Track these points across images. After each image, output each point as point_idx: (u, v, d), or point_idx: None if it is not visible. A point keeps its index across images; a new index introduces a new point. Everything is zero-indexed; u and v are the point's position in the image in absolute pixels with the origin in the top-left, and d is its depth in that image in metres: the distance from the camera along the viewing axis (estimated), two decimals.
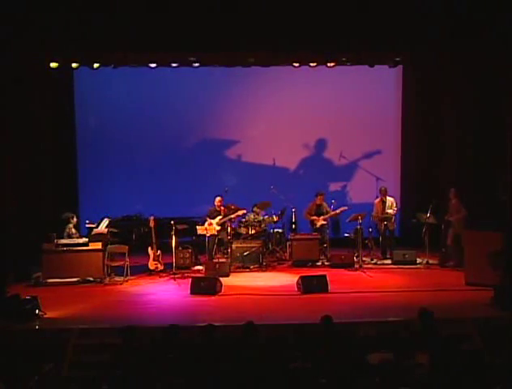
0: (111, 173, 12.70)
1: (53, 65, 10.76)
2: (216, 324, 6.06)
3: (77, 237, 9.87)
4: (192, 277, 9.26)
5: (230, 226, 10.98)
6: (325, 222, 11.12)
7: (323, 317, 5.87)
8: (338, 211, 11.11)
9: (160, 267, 10.31)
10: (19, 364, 5.68)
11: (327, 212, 11.17)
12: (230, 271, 10.21)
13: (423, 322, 5.61)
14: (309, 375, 4.86)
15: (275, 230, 11.47)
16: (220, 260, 10.61)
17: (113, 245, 9.94)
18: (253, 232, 11.02)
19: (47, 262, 9.49)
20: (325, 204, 11.26)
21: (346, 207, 11.20)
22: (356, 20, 9.74)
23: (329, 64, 11.39)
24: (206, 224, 10.75)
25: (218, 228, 10.74)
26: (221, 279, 9.15)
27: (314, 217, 11.19)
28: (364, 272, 10.14)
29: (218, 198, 10.97)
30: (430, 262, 10.59)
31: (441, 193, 11.19)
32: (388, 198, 11.21)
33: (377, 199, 11.30)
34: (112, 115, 12.70)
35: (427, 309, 5.85)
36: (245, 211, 10.80)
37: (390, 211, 11.09)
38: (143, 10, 9.57)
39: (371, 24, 9.79)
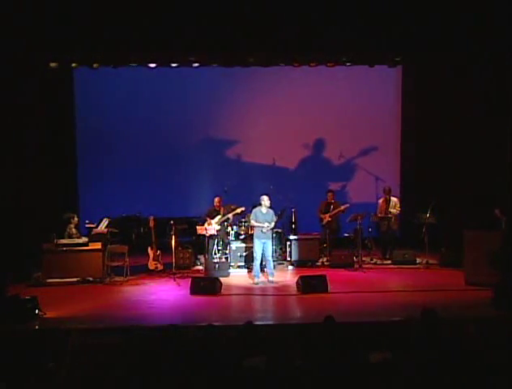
0: (111, 173, 12.71)
1: (53, 65, 10.77)
2: (216, 324, 6.06)
3: (77, 237, 9.87)
4: (192, 277, 9.25)
5: (230, 226, 10.99)
6: (330, 219, 11.13)
7: (326, 317, 5.86)
8: (341, 208, 11.12)
9: (160, 267, 10.32)
10: (19, 364, 5.67)
11: (335, 209, 11.19)
12: (230, 271, 10.22)
13: (425, 322, 5.60)
14: (310, 375, 4.85)
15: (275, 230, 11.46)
16: (220, 260, 10.61)
17: (113, 245, 9.94)
18: (252, 232, 11.00)
19: (47, 262, 9.50)
20: (337, 202, 11.26)
21: (348, 204, 11.22)
22: (356, 20, 9.75)
23: (329, 64, 11.40)
24: (206, 224, 10.75)
25: (217, 227, 10.74)
26: (221, 279, 9.15)
27: (322, 215, 11.23)
28: (364, 272, 10.15)
29: (217, 198, 10.98)
30: (430, 262, 10.60)
31: (441, 193, 11.21)
32: (392, 198, 11.22)
33: (382, 199, 11.31)
34: (112, 115, 12.71)
35: (430, 308, 5.84)
36: (243, 209, 10.78)
37: (393, 210, 11.10)
38: (143, 10, 9.58)
39: (371, 24, 9.80)
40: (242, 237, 11.03)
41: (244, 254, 10.69)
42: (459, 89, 11.09)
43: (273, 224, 9.71)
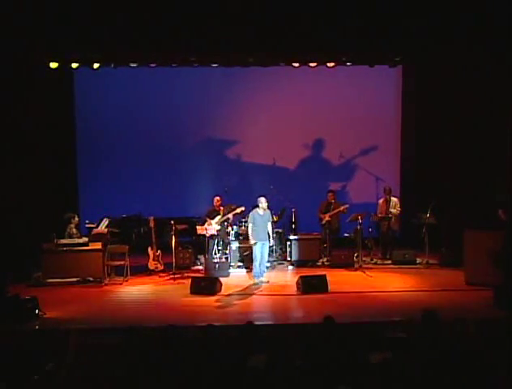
0: (111, 173, 12.71)
1: (53, 65, 10.76)
2: (216, 324, 6.06)
3: (78, 237, 9.87)
4: (192, 277, 9.26)
5: (230, 226, 10.99)
6: (329, 218, 11.12)
7: (325, 317, 5.86)
8: (341, 208, 11.11)
9: (160, 267, 10.33)
10: (20, 364, 5.67)
11: (333, 210, 11.19)
12: (230, 271, 10.22)
13: (425, 322, 5.60)
14: (309, 375, 4.85)
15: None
16: (220, 260, 10.61)
17: (113, 245, 9.94)
18: None
19: (47, 262, 9.49)
20: (337, 203, 11.25)
21: (347, 205, 11.21)
22: (356, 20, 9.75)
23: (329, 64, 11.39)
24: (206, 224, 10.75)
25: (218, 227, 10.73)
26: (221, 279, 9.15)
27: (322, 215, 11.22)
28: (364, 272, 10.15)
29: (216, 198, 10.97)
30: (430, 262, 10.60)
31: (441, 193, 11.21)
32: (392, 198, 11.21)
33: (382, 199, 11.30)
34: (112, 115, 12.71)
35: (430, 308, 5.84)
36: (243, 209, 10.77)
37: (393, 210, 11.09)
38: (143, 10, 9.58)
39: (371, 24, 9.80)
40: (242, 237, 11.02)
41: (244, 254, 10.69)
42: (459, 89, 11.09)
43: (270, 224, 9.67)
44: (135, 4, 9.60)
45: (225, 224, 10.90)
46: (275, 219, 11.19)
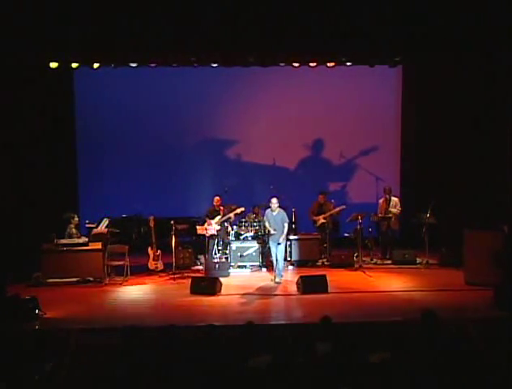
0: (111, 173, 12.71)
1: (53, 65, 10.75)
2: (216, 324, 6.06)
3: (78, 237, 9.87)
4: (192, 277, 9.26)
5: (230, 226, 10.99)
6: (325, 221, 11.11)
7: (322, 317, 5.87)
8: (337, 209, 11.11)
9: (160, 267, 10.34)
10: (20, 364, 5.67)
11: (328, 211, 11.17)
12: (230, 271, 10.22)
13: (425, 323, 5.60)
14: (310, 375, 4.85)
15: None
16: (220, 260, 10.62)
17: (112, 245, 9.94)
18: (252, 232, 11.01)
19: (47, 262, 9.50)
20: (329, 203, 11.24)
21: (344, 206, 11.19)
22: (356, 20, 9.74)
23: (329, 64, 11.38)
24: (206, 224, 10.76)
25: (217, 227, 10.74)
26: (221, 279, 9.15)
27: (315, 217, 11.19)
28: (364, 272, 10.15)
29: (216, 198, 10.98)
30: (430, 262, 10.60)
31: (441, 193, 11.22)
32: (393, 197, 11.21)
33: (382, 199, 11.29)
34: (112, 115, 12.70)
35: (430, 309, 5.84)
36: (243, 209, 10.79)
37: (393, 210, 11.08)
38: (143, 10, 9.56)
39: (371, 24, 9.79)
40: (242, 236, 11.04)
41: (244, 254, 10.70)
42: (459, 89, 11.09)
43: (286, 225, 9.62)
44: (135, 4, 9.59)
45: (225, 224, 10.91)
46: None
